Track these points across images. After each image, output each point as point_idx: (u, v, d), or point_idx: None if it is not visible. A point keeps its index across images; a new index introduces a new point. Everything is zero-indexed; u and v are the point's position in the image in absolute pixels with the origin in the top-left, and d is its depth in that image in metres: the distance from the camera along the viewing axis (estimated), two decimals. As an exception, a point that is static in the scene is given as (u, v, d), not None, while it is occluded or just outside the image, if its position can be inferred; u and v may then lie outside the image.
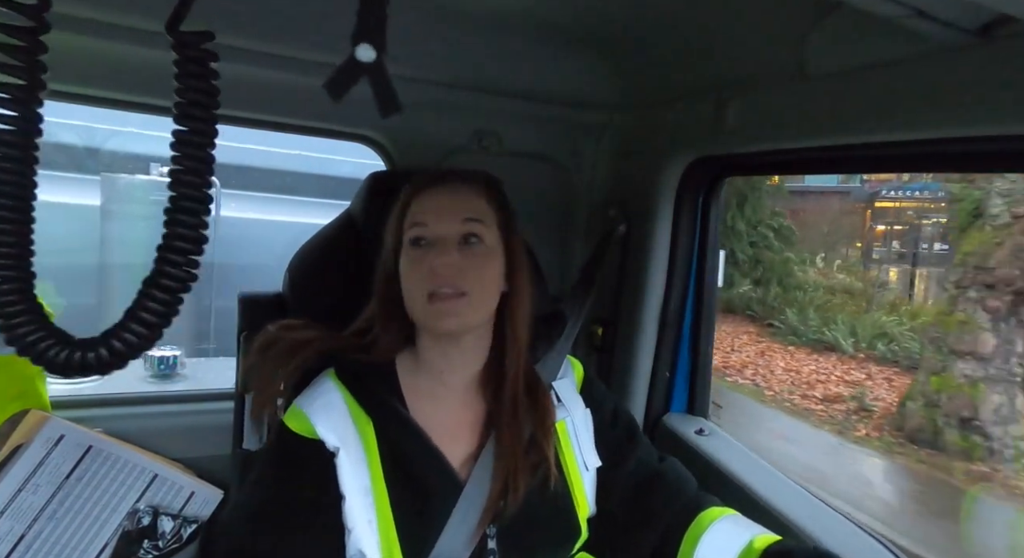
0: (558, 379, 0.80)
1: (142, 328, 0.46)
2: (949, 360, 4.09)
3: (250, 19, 0.84)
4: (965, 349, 3.95)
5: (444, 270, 0.66)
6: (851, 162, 0.92)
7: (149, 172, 3.19)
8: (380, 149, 1.20)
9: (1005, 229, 3.90)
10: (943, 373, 4.10)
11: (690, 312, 1.16)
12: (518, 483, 0.67)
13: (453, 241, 0.69)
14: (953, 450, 3.96)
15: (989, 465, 3.77)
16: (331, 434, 0.67)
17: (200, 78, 0.46)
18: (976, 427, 3.87)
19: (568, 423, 0.77)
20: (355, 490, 0.65)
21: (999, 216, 3.97)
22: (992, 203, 4.03)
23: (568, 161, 1.29)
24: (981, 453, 3.83)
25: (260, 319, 0.96)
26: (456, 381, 0.74)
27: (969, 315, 3.96)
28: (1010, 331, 3.84)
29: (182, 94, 0.46)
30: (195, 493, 1.04)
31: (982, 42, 0.57)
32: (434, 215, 0.70)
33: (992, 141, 0.63)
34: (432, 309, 0.67)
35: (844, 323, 5.93)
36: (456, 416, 0.73)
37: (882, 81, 0.69)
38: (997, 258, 3.87)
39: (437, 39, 0.96)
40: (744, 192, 7.98)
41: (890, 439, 4.41)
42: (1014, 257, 3.75)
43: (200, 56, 0.46)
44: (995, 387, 3.86)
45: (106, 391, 1.18)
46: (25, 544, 0.92)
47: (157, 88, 0.86)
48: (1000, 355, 3.87)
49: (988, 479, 3.68)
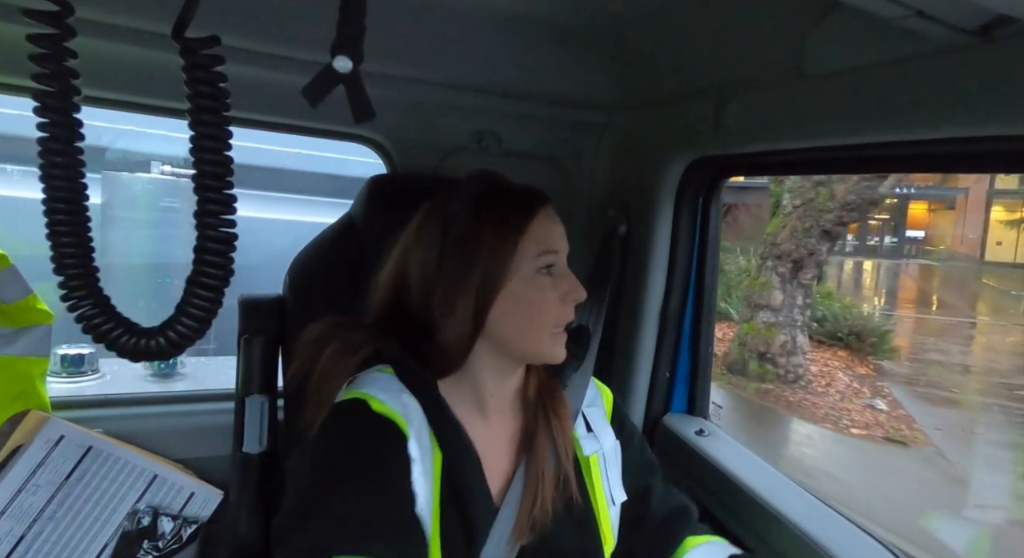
0: (589, 406, 0.79)
1: (191, 321, 0.51)
2: (755, 312, 5.59)
3: (250, 20, 0.84)
4: (764, 303, 5.46)
5: (573, 309, 0.69)
6: (851, 162, 0.92)
7: (151, 170, 3.20)
8: (380, 149, 1.20)
9: (788, 216, 5.36)
10: (751, 321, 5.64)
11: (690, 312, 1.15)
12: (546, 498, 0.67)
13: (570, 272, 0.70)
14: (752, 375, 5.56)
15: (775, 385, 5.42)
16: (414, 439, 0.63)
17: (210, 83, 0.48)
18: (769, 359, 5.48)
19: (600, 457, 0.75)
20: (423, 504, 0.62)
21: (787, 206, 5.39)
22: (784, 197, 5.45)
23: (568, 161, 1.28)
24: (771, 377, 5.45)
25: (260, 322, 0.97)
26: (499, 403, 0.73)
27: (768, 278, 5.46)
28: (793, 290, 5.40)
29: (195, 99, 0.48)
30: (195, 494, 1.04)
31: (982, 42, 0.57)
32: (559, 242, 0.69)
33: (992, 141, 0.62)
34: (555, 339, 0.68)
35: (737, 298, 6.93)
36: (495, 437, 0.72)
37: (882, 81, 0.69)
38: (781, 237, 5.35)
39: (437, 39, 0.96)
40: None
41: (717, 371, 5.73)
42: (792, 236, 5.27)
43: (206, 62, 0.47)
44: (782, 330, 5.45)
45: (106, 391, 1.18)
46: (25, 545, 0.92)
47: (170, 91, 0.87)
48: (786, 307, 5.42)
49: (769, 394, 5.34)
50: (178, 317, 0.51)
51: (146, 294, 2.51)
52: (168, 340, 0.51)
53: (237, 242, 0.53)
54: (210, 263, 0.51)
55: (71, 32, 0.46)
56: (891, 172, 4.89)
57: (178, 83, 0.48)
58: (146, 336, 0.51)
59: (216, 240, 0.51)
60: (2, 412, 0.96)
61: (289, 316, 0.95)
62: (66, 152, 0.47)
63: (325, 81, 0.47)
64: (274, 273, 1.02)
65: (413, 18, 0.90)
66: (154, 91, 0.96)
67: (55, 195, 0.47)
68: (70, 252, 0.48)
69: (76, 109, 0.47)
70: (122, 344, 0.50)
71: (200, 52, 0.48)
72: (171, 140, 3.20)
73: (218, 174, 0.50)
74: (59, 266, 0.48)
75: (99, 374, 1.29)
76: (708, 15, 0.85)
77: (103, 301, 0.50)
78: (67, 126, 0.47)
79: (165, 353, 0.51)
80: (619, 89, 1.10)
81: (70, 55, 0.46)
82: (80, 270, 0.49)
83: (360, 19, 0.45)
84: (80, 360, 1.26)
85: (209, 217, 0.50)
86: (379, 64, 0.93)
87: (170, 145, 3.20)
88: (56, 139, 0.47)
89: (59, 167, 0.47)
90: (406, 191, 0.92)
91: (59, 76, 0.45)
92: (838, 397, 5.35)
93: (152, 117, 1.04)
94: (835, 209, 5.05)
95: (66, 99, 0.46)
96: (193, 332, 0.52)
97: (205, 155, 0.49)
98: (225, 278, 0.52)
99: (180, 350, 0.52)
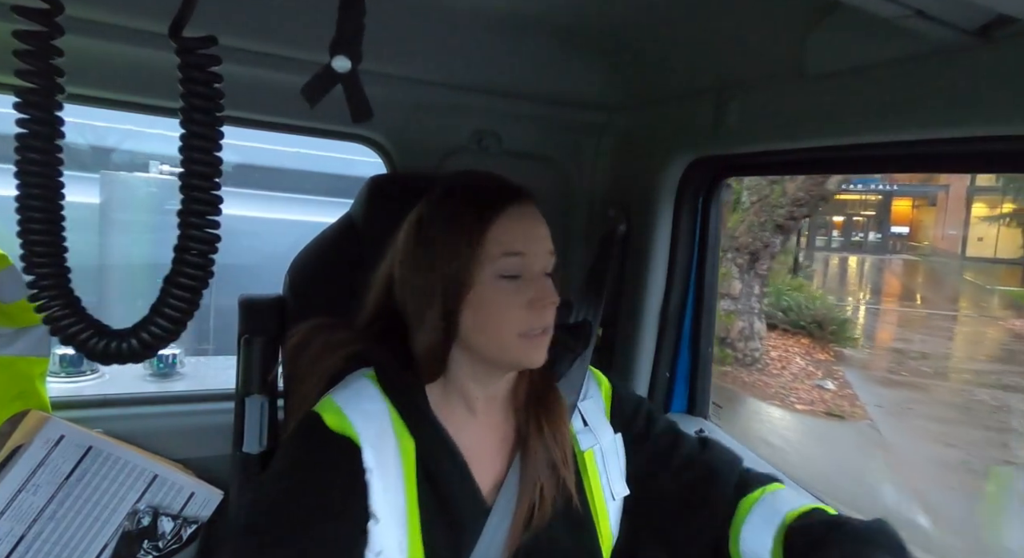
0: (584, 399, 0.76)
1: (166, 322, 0.50)
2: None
3: (249, 20, 0.84)
4: (725, 292, 5.72)
5: (550, 313, 0.64)
6: (851, 162, 0.92)
7: (148, 170, 3.19)
8: (379, 149, 1.20)
9: (747, 211, 5.74)
10: (711, 309, 6.14)
11: (690, 312, 1.16)
12: (544, 503, 0.65)
13: (545, 276, 0.65)
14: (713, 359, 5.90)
15: (733, 368, 5.79)
16: (369, 448, 0.62)
17: (204, 83, 0.47)
18: (729, 343, 5.82)
19: (596, 452, 0.73)
20: (389, 512, 0.61)
21: (745, 202, 5.77)
22: (744, 194, 5.84)
23: (568, 161, 1.28)
24: (730, 360, 5.79)
25: (260, 322, 0.96)
26: (487, 406, 0.71)
27: (727, 269, 5.75)
28: (750, 280, 5.78)
29: (188, 98, 0.47)
30: (195, 494, 1.04)
31: (982, 42, 0.57)
32: (526, 244, 0.64)
33: (992, 141, 0.63)
34: (526, 344, 0.63)
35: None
36: (485, 440, 0.70)
37: (882, 81, 0.69)
38: (740, 231, 5.72)
39: (437, 39, 0.96)
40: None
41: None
42: (749, 230, 5.64)
43: (202, 62, 0.47)
44: (741, 317, 5.83)
45: (106, 391, 1.18)
46: (25, 545, 0.92)
47: (166, 90, 0.87)
48: (744, 295, 5.78)
49: (727, 375, 5.67)
50: (152, 318, 0.50)
51: (147, 294, 2.51)
52: (141, 341, 0.49)
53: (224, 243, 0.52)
54: (190, 263, 0.50)
55: (59, 30, 0.45)
56: (891, 172, 5.01)
57: (173, 82, 0.48)
58: (117, 338, 0.49)
59: (198, 240, 0.49)
60: (2, 412, 0.96)
61: (289, 316, 0.95)
62: (44, 150, 0.46)
63: (323, 81, 0.46)
64: (274, 273, 1.02)
65: (413, 18, 0.90)
66: (148, 90, 0.95)
67: (29, 193, 0.46)
68: (41, 251, 0.47)
69: (58, 107, 0.46)
70: (91, 346, 0.49)
71: (196, 52, 0.47)
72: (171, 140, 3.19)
73: (206, 174, 0.49)
74: (28, 265, 0.47)
75: (98, 374, 1.29)
76: (708, 15, 0.85)
77: (72, 302, 0.49)
78: (47, 123, 0.46)
79: (137, 355, 0.50)
80: (619, 89, 1.10)
81: (56, 53, 0.45)
82: (50, 270, 0.48)
83: (359, 19, 0.44)
84: (79, 360, 1.26)
85: (193, 217, 0.49)
86: (379, 64, 0.92)
87: (171, 145, 3.19)
88: (35, 136, 0.46)
89: (35, 164, 0.46)
90: (406, 191, 0.92)
91: (43, 73, 0.45)
92: (791, 378, 5.83)
93: (151, 117, 1.03)
94: (786, 205, 5.46)
95: (49, 96, 0.45)
96: (168, 333, 0.50)
97: (194, 155, 0.48)
98: (204, 279, 0.50)
99: (153, 352, 0.51)
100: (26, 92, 0.45)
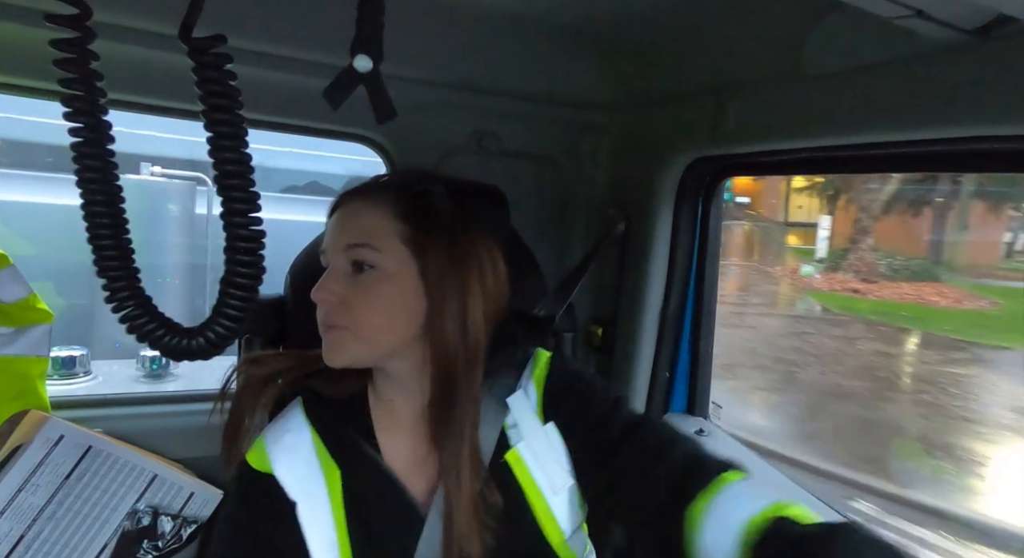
0: (512, 393, 0.70)
1: (228, 322, 0.52)
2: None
3: (250, 20, 0.84)
4: None
5: (324, 304, 0.63)
6: (850, 162, 0.92)
7: (139, 172, 3.17)
8: (380, 149, 1.20)
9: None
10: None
11: (690, 312, 1.16)
12: (472, 527, 0.61)
13: (343, 271, 0.64)
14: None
15: None
16: (292, 482, 0.63)
17: (222, 82, 0.47)
18: None
19: (522, 450, 0.67)
20: (320, 543, 0.62)
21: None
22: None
23: (568, 161, 1.28)
24: None
25: (260, 322, 0.96)
26: (407, 412, 0.68)
27: None
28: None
29: (207, 99, 0.47)
30: (195, 493, 1.03)
31: (982, 42, 0.57)
32: (328, 241, 0.66)
33: (992, 141, 0.63)
34: (325, 341, 0.64)
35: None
36: (417, 451, 0.68)
37: (881, 81, 0.69)
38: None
39: (437, 39, 0.96)
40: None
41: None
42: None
43: (217, 61, 0.47)
44: None
45: (105, 391, 1.18)
46: (25, 545, 0.92)
47: (182, 92, 0.87)
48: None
49: None
50: (216, 318, 0.52)
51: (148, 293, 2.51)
52: (207, 340, 0.52)
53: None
54: (241, 263, 0.50)
55: (91, 35, 0.45)
56: (891, 172, 4.92)
57: (188, 84, 0.48)
58: (188, 336, 0.51)
59: (245, 239, 0.50)
60: (2, 412, 0.96)
61: (289, 316, 0.95)
62: (100, 155, 0.47)
63: (346, 82, 0.45)
64: (274, 273, 1.02)
65: (413, 18, 0.90)
66: (166, 93, 0.95)
67: (93, 198, 0.48)
68: (112, 255, 0.49)
69: (104, 112, 0.47)
70: (165, 343, 0.51)
71: (210, 52, 0.47)
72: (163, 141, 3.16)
73: (240, 173, 0.49)
74: (101, 268, 0.49)
75: (91, 375, 1.28)
76: (708, 15, 0.85)
77: (145, 301, 0.51)
78: (98, 129, 0.47)
79: (204, 353, 0.52)
80: (619, 89, 1.10)
81: (93, 58, 0.46)
82: (122, 271, 0.49)
83: (379, 16, 0.43)
84: (72, 362, 1.25)
85: (237, 216, 0.50)
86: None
87: (163, 146, 3.16)
88: (89, 143, 0.47)
89: (94, 171, 0.47)
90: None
91: (85, 80, 0.45)
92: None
93: (140, 116, 1.02)
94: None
95: (94, 102, 0.46)
96: (230, 332, 0.52)
97: (225, 155, 0.48)
98: (258, 276, 0.51)
99: (219, 350, 0.53)
100: (73, 100, 0.45)
